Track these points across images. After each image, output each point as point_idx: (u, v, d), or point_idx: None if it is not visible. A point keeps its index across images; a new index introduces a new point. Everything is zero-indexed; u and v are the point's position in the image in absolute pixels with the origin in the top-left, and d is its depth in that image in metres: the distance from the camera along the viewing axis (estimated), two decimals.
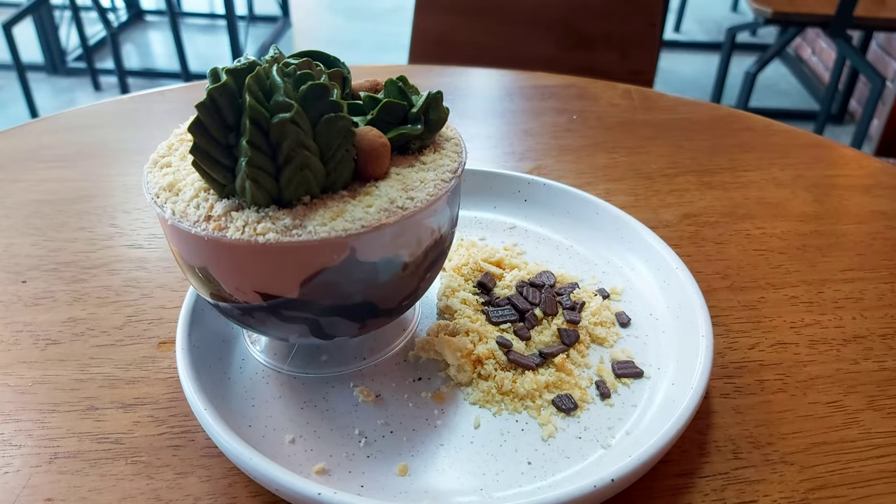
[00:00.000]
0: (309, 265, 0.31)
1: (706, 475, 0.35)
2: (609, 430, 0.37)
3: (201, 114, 0.30)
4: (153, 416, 0.38)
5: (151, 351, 0.43)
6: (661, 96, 0.78)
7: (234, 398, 0.38)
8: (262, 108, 0.30)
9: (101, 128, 0.72)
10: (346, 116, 0.32)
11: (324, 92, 0.31)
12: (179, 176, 0.34)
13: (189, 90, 0.80)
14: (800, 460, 0.36)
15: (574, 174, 0.63)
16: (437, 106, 0.36)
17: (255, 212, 0.31)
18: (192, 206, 0.32)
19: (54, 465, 0.35)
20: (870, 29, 1.83)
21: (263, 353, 0.41)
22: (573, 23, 1.00)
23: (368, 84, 0.38)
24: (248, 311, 0.34)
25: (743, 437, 0.37)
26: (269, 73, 0.31)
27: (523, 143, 0.69)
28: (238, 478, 0.35)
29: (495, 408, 0.38)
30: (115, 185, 0.61)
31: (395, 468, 0.34)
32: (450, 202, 0.36)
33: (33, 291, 0.48)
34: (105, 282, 0.49)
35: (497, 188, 0.55)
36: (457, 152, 0.37)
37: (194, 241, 0.32)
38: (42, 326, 0.45)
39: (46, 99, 2.32)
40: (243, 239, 0.30)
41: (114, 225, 0.55)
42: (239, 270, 0.32)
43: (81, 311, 0.46)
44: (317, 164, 0.31)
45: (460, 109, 0.75)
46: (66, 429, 0.37)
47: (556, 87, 0.81)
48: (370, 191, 0.33)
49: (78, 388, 0.40)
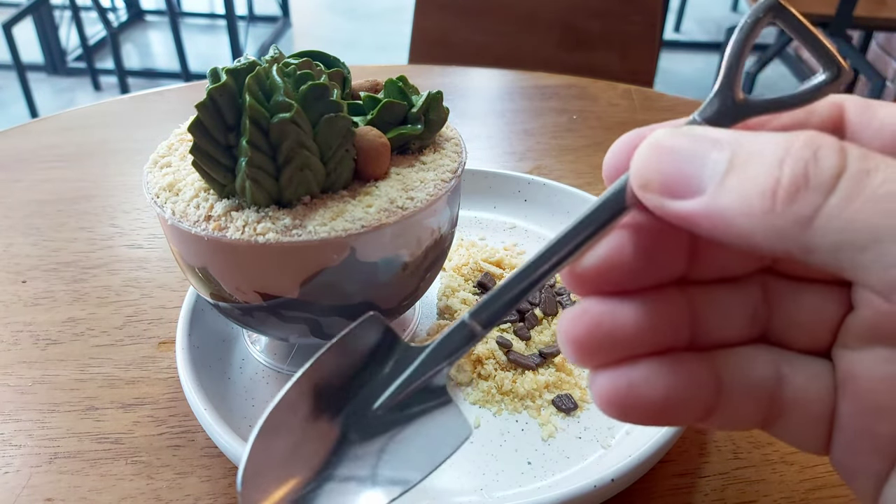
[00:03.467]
0: (309, 265, 0.31)
1: (706, 475, 0.35)
2: (609, 429, 0.37)
3: (201, 114, 0.30)
4: (153, 416, 0.38)
5: (151, 351, 0.43)
6: (661, 96, 0.78)
7: (234, 398, 0.38)
8: (262, 108, 0.30)
9: (101, 128, 0.72)
10: (346, 116, 0.32)
11: (324, 92, 0.31)
12: (179, 176, 0.34)
13: (189, 90, 0.80)
14: (800, 460, 0.36)
15: (574, 174, 0.63)
16: (437, 106, 0.36)
17: (255, 212, 0.31)
18: (192, 206, 0.32)
19: (54, 465, 0.35)
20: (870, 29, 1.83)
21: (263, 353, 0.41)
22: (573, 22, 1.00)
23: (368, 84, 0.38)
24: (248, 311, 0.34)
25: (743, 437, 0.37)
26: (270, 73, 0.31)
27: (523, 142, 0.69)
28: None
29: (495, 408, 0.38)
30: (115, 185, 0.61)
31: None
32: (450, 202, 0.36)
33: (33, 291, 0.48)
34: (105, 282, 0.49)
35: (497, 188, 0.55)
36: (457, 152, 0.37)
37: (194, 241, 0.32)
38: (42, 326, 0.45)
39: (46, 99, 2.32)
40: (243, 239, 0.30)
41: (114, 225, 0.55)
42: (239, 270, 0.32)
43: (81, 311, 0.46)
44: (317, 164, 0.31)
45: (460, 109, 0.75)
46: (66, 429, 0.37)
47: (557, 86, 0.81)
48: (370, 191, 0.33)
49: (78, 388, 0.40)
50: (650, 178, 0.17)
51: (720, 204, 0.16)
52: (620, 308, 0.18)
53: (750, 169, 0.15)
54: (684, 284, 0.19)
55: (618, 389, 0.18)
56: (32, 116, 2.10)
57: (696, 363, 0.19)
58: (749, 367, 0.19)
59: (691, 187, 0.16)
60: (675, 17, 2.88)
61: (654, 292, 0.19)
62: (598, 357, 0.18)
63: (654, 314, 0.18)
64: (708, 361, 0.19)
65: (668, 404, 0.18)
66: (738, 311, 0.19)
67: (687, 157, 0.16)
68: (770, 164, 0.15)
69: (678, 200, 0.16)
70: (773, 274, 0.20)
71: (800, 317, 0.19)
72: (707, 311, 0.19)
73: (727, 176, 0.16)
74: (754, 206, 0.15)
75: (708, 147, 0.16)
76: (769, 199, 0.15)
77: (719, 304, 0.19)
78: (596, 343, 0.18)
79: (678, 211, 0.16)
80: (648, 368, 0.18)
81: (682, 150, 0.17)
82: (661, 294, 0.19)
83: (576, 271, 0.19)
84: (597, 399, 0.19)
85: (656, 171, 0.17)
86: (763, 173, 0.15)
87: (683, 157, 0.16)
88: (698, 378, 0.18)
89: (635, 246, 0.18)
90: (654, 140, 0.17)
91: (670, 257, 0.19)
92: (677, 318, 0.19)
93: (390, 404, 0.19)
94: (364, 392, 0.19)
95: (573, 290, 0.19)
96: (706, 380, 0.19)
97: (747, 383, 0.19)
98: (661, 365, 0.18)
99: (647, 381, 0.18)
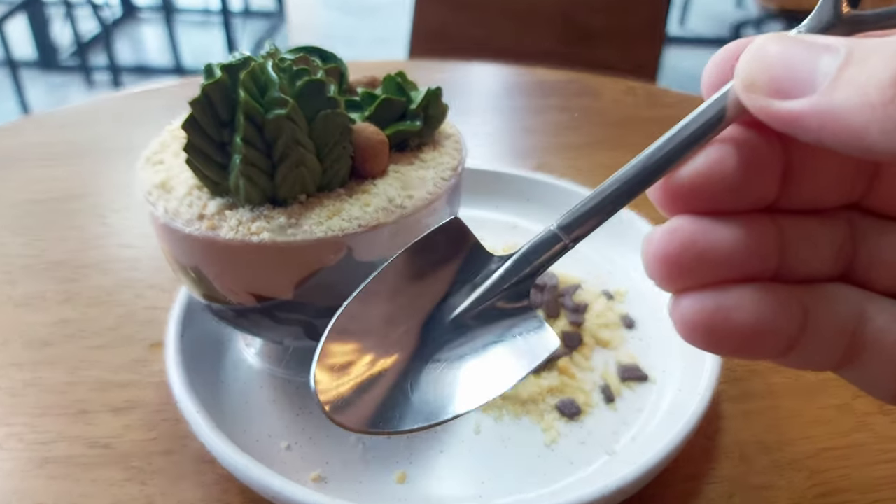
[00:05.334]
0: (304, 265, 0.31)
1: (713, 480, 0.34)
2: (614, 434, 0.36)
3: (195, 110, 0.29)
4: (145, 420, 0.37)
5: (143, 353, 0.42)
6: (665, 92, 0.78)
7: (227, 403, 0.37)
8: (257, 104, 0.29)
9: (93, 125, 0.70)
10: (343, 113, 0.31)
11: (320, 88, 0.30)
12: (172, 173, 0.33)
13: (183, 86, 0.79)
14: (809, 465, 0.35)
15: (577, 172, 0.62)
16: (437, 102, 0.35)
17: (249, 210, 0.30)
18: (185, 205, 0.31)
19: (45, 470, 0.35)
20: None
21: (258, 356, 0.40)
22: (575, 16, 1.00)
23: (366, 80, 0.37)
24: (241, 312, 0.33)
25: (751, 442, 0.36)
26: (265, 68, 0.30)
27: (525, 140, 0.68)
28: (232, 484, 0.34)
29: (496, 413, 0.37)
30: (107, 184, 0.60)
31: (394, 475, 0.34)
32: (450, 201, 0.35)
33: (24, 292, 0.47)
34: (97, 282, 0.48)
35: (498, 186, 0.54)
36: (457, 149, 0.36)
37: (186, 241, 0.31)
38: (33, 328, 0.44)
39: (39, 95, 2.30)
40: (237, 238, 0.29)
41: (105, 224, 0.54)
42: (232, 271, 0.31)
43: (73, 312, 0.45)
44: (313, 162, 0.30)
45: (460, 106, 0.74)
46: (57, 433, 0.37)
47: (559, 82, 0.80)
48: (368, 189, 0.32)
49: (68, 391, 0.39)
50: (757, 78, 0.16)
51: (833, 100, 0.15)
52: (715, 228, 0.17)
53: (868, 63, 0.14)
54: (773, 212, 0.19)
55: (707, 313, 0.17)
56: (25, 113, 2.09)
57: (785, 293, 0.18)
58: (835, 303, 0.18)
59: (802, 86, 0.15)
60: (679, 12, 2.88)
61: (747, 216, 0.18)
62: (688, 278, 0.18)
63: (748, 238, 0.18)
64: (796, 293, 0.18)
65: (757, 332, 0.18)
66: (826, 244, 0.19)
67: (798, 58, 0.15)
68: (890, 56, 0.14)
69: (787, 101, 0.15)
70: (860, 210, 0.19)
71: (885, 256, 0.19)
72: (795, 242, 0.19)
73: (842, 70, 0.15)
74: (872, 98, 0.14)
75: (820, 50, 0.15)
76: (890, 89, 0.14)
77: (808, 236, 0.19)
78: (688, 262, 0.17)
79: (786, 112, 0.15)
80: (740, 293, 0.17)
81: (792, 53, 0.16)
82: (755, 219, 0.18)
83: (670, 185, 0.18)
84: (680, 325, 0.18)
85: (764, 71, 0.16)
86: (882, 66, 0.14)
87: (794, 58, 0.15)
88: (788, 309, 0.18)
89: (734, 162, 0.17)
90: (762, 42, 0.16)
91: (767, 178, 0.18)
92: (768, 245, 0.18)
93: (472, 313, 0.19)
94: (445, 299, 0.19)
95: (663, 208, 0.18)
96: (795, 311, 0.18)
97: (832, 319, 0.18)
98: (753, 291, 0.18)
99: (738, 306, 0.17)
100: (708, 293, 0.18)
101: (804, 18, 0.17)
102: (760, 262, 0.18)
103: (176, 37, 2.30)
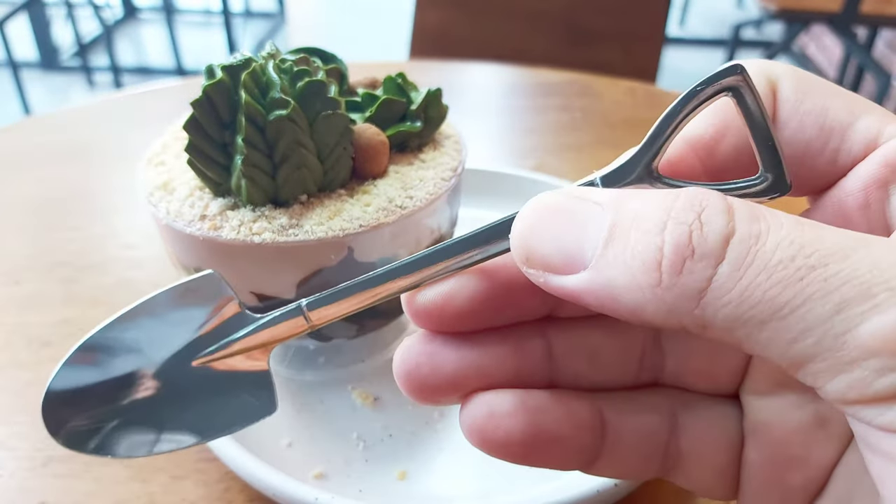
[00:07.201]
0: (306, 266, 0.31)
1: None
2: None
3: (196, 111, 0.29)
4: None
5: None
6: (665, 93, 0.78)
7: None
8: (258, 105, 0.29)
9: (94, 126, 0.71)
10: (344, 114, 0.31)
11: (321, 89, 0.30)
12: (174, 174, 0.33)
13: (184, 87, 0.79)
14: None
15: (578, 173, 0.63)
16: (437, 103, 0.36)
17: (250, 211, 0.30)
18: (187, 205, 0.31)
19: (48, 469, 0.35)
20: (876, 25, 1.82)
21: None
22: (576, 18, 1.00)
23: (367, 81, 0.37)
24: None
25: None
26: (266, 69, 0.30)
27: (525, 140, 0.69)
28: (234, 482, 0.34)
29: None
30: (109, 184, 0.61)
31: (395, 473, 0.34)
32: (450, 201, 0.35)
33: (26, 292, 0.47)
34: (99, 282, 0.48)
35: (498, 187, 0.54)
36: (457, 150, 0.36)
37: (189, 241, 0.31)
38: (35, 328, 0.44)
39: (40, 96, 2.30)
40: (239, 239, 0.29)
41: (107, 224, 0.55)
42: (234, 271, 0.32)
43: (75, 312, 0.45)
44: (314, 163, 0.30)
45: (460, 106, 0.74)
46: None
47: (559, 83, 0.80)
48: (368, 189, 0.32)
49: None
50: (530, 255, 0.15)
51: (606, 278, 0.14)
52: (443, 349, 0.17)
53: (630, 239, 0.14)
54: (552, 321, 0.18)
55: (481, 419, 0.17)
56: (26, 114, 2.09)
57: (575, 401, 0.17)
58: (640, 412, 0.18)
59: (573, 262, 0.14)
60: (679, 13, 2.88)
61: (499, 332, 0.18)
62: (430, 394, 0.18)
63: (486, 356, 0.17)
64: (590, 401, 0.17)
65: (537, 439, 0.17)
66: (618, 353, 0.18)
67: (565, 230, 0.15)
68: (651, 230, 0.14)
69: (563, 276, 0.15)
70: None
71: (694, 362, 0.18)
72: (569, 353, 0.18)
73: (607, 247, 0.14)
74: (639, 280, 0.13)
75: (587, 218, 0.15)
76: (654, 272, 0.13)
77: (585, 347, 0.18)
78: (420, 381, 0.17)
79: (564, 289, 0.15)
80: (513, 397, 0.17)
81: (559, 223, 0.15)
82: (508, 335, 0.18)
83: (413, 303, 0.18)
84: (463, 429, 0.17)
85: (536, 248, 0.15)
86: (644, 241, 0.13)
87: (562, 233, 0.15)
88: (576, 416, 0.17)
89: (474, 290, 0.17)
90: (530, 211, 0.15)
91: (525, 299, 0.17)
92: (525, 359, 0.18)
93: (209, 362, 0.19)
94: (188, 345, 0.19)
95: (412, 320, 0.18)
96: (586, 420, 0.17)
97: (637, 427, 0.17)
98: (527, 396, 0.17)
99: (510, 413, 0.17)
100: (483, 396, 0.17)
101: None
102: (513, 375, 0.17)
103: (177, 37, 2.30)
